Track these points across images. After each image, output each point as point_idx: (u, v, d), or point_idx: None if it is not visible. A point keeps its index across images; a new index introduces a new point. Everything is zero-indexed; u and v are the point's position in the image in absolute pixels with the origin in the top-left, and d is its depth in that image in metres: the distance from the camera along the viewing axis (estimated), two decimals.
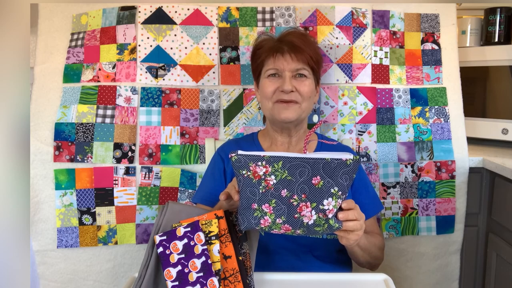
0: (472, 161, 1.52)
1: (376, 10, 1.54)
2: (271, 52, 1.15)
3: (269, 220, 0.82)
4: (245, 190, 0.83)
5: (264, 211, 0.82)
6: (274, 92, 1.14)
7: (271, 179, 0.83)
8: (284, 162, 0.83)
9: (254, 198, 0.83)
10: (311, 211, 0.81)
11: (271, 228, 0.83)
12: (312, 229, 0.82)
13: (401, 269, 1.54)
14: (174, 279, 0.80)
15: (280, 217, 0.82)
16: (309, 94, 1.15)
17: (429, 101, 1.54)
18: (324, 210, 0.81)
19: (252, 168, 0.83)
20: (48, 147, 1.46)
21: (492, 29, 1.70)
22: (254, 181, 0.83)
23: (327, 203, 0.81)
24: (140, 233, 1.49)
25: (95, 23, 1.52)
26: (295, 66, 1.13)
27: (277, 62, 1.13)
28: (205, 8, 1.52)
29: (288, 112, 1.13)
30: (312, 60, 1.14)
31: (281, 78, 1.14)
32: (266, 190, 0.82)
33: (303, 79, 1.14)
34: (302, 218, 0.81)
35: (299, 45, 1.13)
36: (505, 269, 1.42)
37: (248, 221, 0.82)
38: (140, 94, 1.49)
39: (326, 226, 0.82)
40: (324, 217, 0.81)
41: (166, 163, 1.48)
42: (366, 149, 1.51)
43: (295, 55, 1.12)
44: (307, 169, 0.83)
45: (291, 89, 1.12)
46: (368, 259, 1.11)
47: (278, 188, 0.82)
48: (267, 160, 0.83)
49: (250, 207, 0.83)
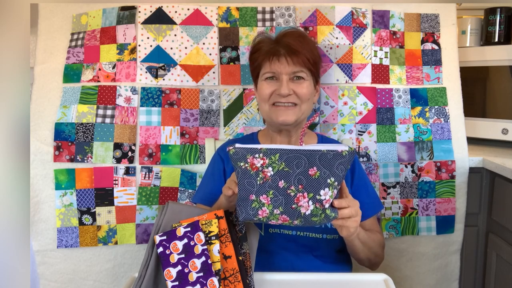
0: (472, 161, 1.52)
1: (376, 10, 1.54)
2: (267, 55, 1.13)
3: (266, 210, 0.83)
4: (243, 182, 0.85)
5: (262, 202, 0.83)
6: (271, 94, 1.13)
7: (268, 171, 0.84)
8: (281, 154, 0.85)
9: (252, 189, 0.84)
10: (308, 201, 0.82)
11: (269, 218, 0.84)
12: (309, 219, 0.83)
13: (401, 269, 1.54)
14: (174, 279, 0.80)
15: (277, 207, 0.83)
16: (307, 96, 1.14)
17: (429, 101, 1.54)
18: (321, 200, 0.82)
19: (250, 160, 0.85)
20: (48, 147, 1.46)
21: (492, 29, 1.70)
22: (252, 173, 0.84)
23: (323, 193, 0.83)
24: (140, 233, 1.49)
25: (95, 23, 1.52)
26: (292, 70, 1.12)
27: (274, 66, 1.12)
28: (205, 8, 1.52)
29: (286, 114, 1.13)
30: (309, 62, 1.13)
31: (278, 80, 1.13)
32: (263, 182, 0.84)
33: (301, 82, 1.13)
34: (299, 209, 0.83)
35: (296, 47, 1.11)
36: (505, 269, 1.42)
37: (246, 212, 0.83)
38: (140, 94, 1.49)
39: (323, 216, 0.83)
40: (321, 207, 0.83)
41: (166, 163, 1.48)
42: (366, 149, 1.51)
43: (291, 58, 1.11)
44: (304, 161, 0.84)
45: (288, 93, 1.11)
46: (369, 254, 1.10)
47: (275, 179, 0.84)
48: (264, 153, 0.85)
49: (248, 198, 0.84)
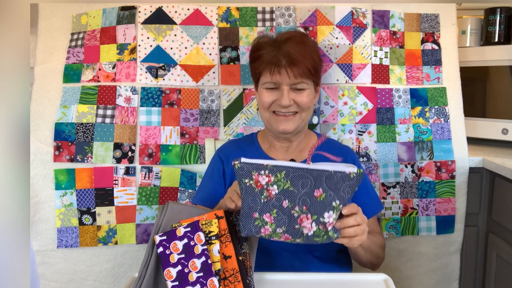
0: (472, 161, 1.52)
1: (376, 10, 1.54)
2: (268, 65, 1.11)
3: (269, 229, 0.83)
4: (247, 199, 0.84)
5: (265, 221, 0.83)
6: (272, 103, 1.13)
7: (273, 189, 0.83)
8: (287, 172, 0.83)
9: (256, 207, 0.83)
10: (312, 223, 0.82)
11: (271, 236, 0.84)
12: (311, 239, 0.83)
13: (401, 269, 1.54)
14: (174, 279, 0.80)
15: (280, 227, 0.83)
16: (308, 105, 1.13)
17: (429, 101, 1.54)
18: (324, 223, 0.82)
19: (255, 177, 0.84)
20: (48, 147, 1.46)
21: (492, 29, 1.70)
22: (256, 191, 0.83)
23: (327, 216, 0.82)
24: (140, 233, 1.49)
25: (95, 23, 1.52)
26: (293, 81, 1.11)
27: (275, 77, 1.11)
28: (205, 8, 1.51)
29: (286, 124, 1.12)
30: (310, 72, 1.11)
31: (279, 90, 1.12)
32: (268, 200, 0.83)
33: (301, 91, 1.12)
34: (302, 229, 0.82)
35: (297, 57, 1.09)
36: (505, 269, 1.42)
37: (249, 229, 0.84)
38: (140, 94, 1.49)
39: (325, 238, 0.83)
40: (324, 229, 0.82)
41: (166, 163, 1.48)
42: (366, 149, 1.51)
43: (291, 70, 1.09)
44: (310, 181, 0.82)
45: (289, 104, 1.10)
46: (370, 258, 1.11)
47: (279, 199, 0.83)
48: (270, 169, 0.83)
49: (251, 215, 0.83)
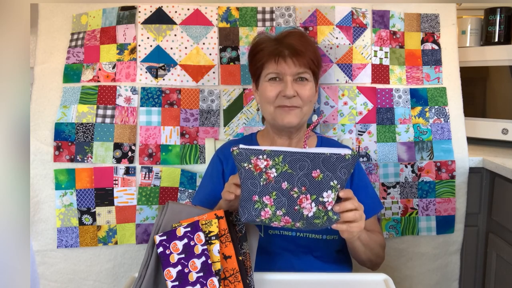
0: (472, 161, 1.52)
1: (376, 10, 1.54)
2: (272, 55, 1.13)
3: (269, 212, 0.84)
4: (246, 182, 0.85)
5: (264, 203, 0.84)
6: (276, 96, 1.13)
7: (271, 172, 0.85)
8: (285, 156, 0.85)
9: (255, 190, 0.84)
10: (311, 203, 0.83)
11: (271, 220, 0.84)
12: (311, 221, 0.83)
13: (401, 269, 1.54)
14: (174, 279, 0.80)
15: (280, 209, 0.84)
16: (310, 98, 1.15)
17: (429, 101, 1.54)
18: (323, 202, 0.83)
19: (253, 161, 0.86)
20: (48, 147, 1.46)
21: (492, 29, 1.70)
22: (255, 174, 0.85)
23: (326, 195, 0.83)
24: (140, 233, 1.49)
25: (95, 23, 1.52)
26: (297, 70, 1.12)
27: (278, 67, 1.12)
28: (205, 8, 1.52)
29: (290, 116, 1.13)
30: (313, 63, 1.14)
31: (282, 81, 1.13)
32: (267, 183, 0.84)
33: (304, 83, 1.14)
34: (302, 210, 0.83)
35: (300, 48, 1.12)
36: (505, 269, 1.42)
37: (249, 213, 0.84)
38: (140, 94, 1.49)
39: (325, 219, 0.84)
40: (324, 209, 0.83)
41: (166, 163, 1.48)
42: (366, 149, 1.51)
43: (296, 59, 1.11)
44: (307, 163, 0.85)
45: (293, 94, 1.11)
46: (370, 255, 1.10)
47: (278, 181, 0.84)
48: (268, 154, 0.86)
49: (251, 199, 0.84)
